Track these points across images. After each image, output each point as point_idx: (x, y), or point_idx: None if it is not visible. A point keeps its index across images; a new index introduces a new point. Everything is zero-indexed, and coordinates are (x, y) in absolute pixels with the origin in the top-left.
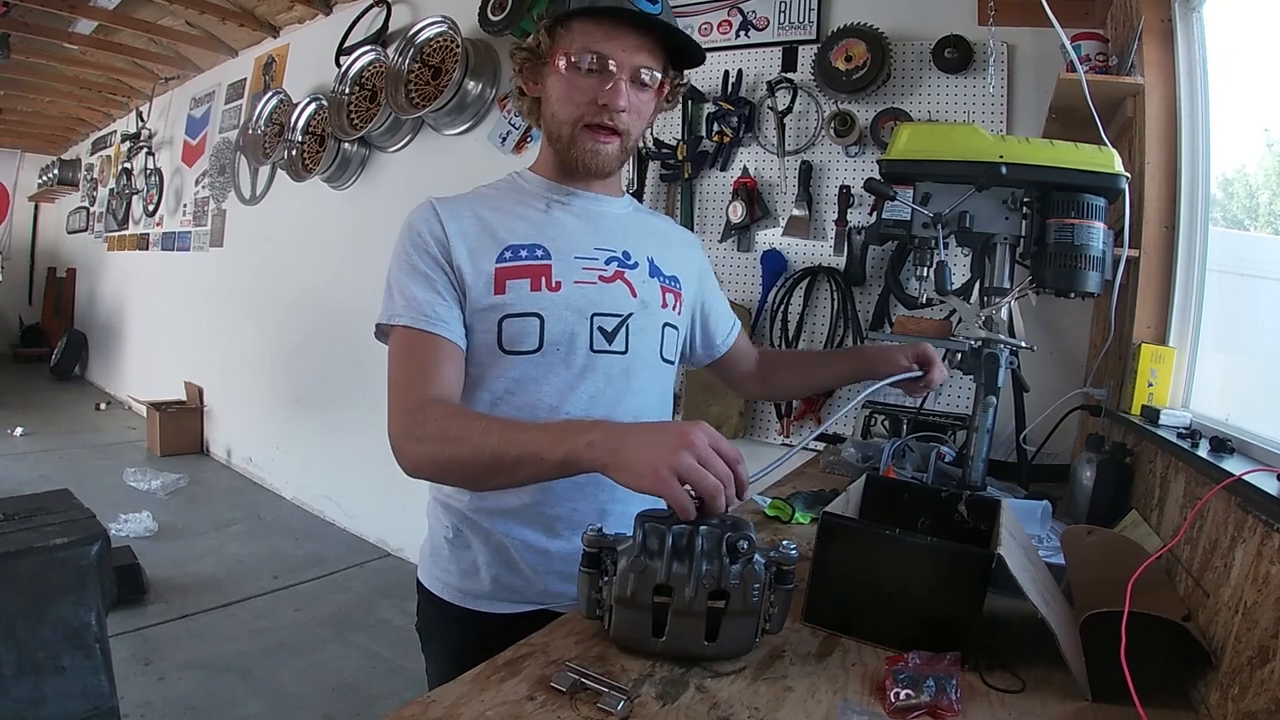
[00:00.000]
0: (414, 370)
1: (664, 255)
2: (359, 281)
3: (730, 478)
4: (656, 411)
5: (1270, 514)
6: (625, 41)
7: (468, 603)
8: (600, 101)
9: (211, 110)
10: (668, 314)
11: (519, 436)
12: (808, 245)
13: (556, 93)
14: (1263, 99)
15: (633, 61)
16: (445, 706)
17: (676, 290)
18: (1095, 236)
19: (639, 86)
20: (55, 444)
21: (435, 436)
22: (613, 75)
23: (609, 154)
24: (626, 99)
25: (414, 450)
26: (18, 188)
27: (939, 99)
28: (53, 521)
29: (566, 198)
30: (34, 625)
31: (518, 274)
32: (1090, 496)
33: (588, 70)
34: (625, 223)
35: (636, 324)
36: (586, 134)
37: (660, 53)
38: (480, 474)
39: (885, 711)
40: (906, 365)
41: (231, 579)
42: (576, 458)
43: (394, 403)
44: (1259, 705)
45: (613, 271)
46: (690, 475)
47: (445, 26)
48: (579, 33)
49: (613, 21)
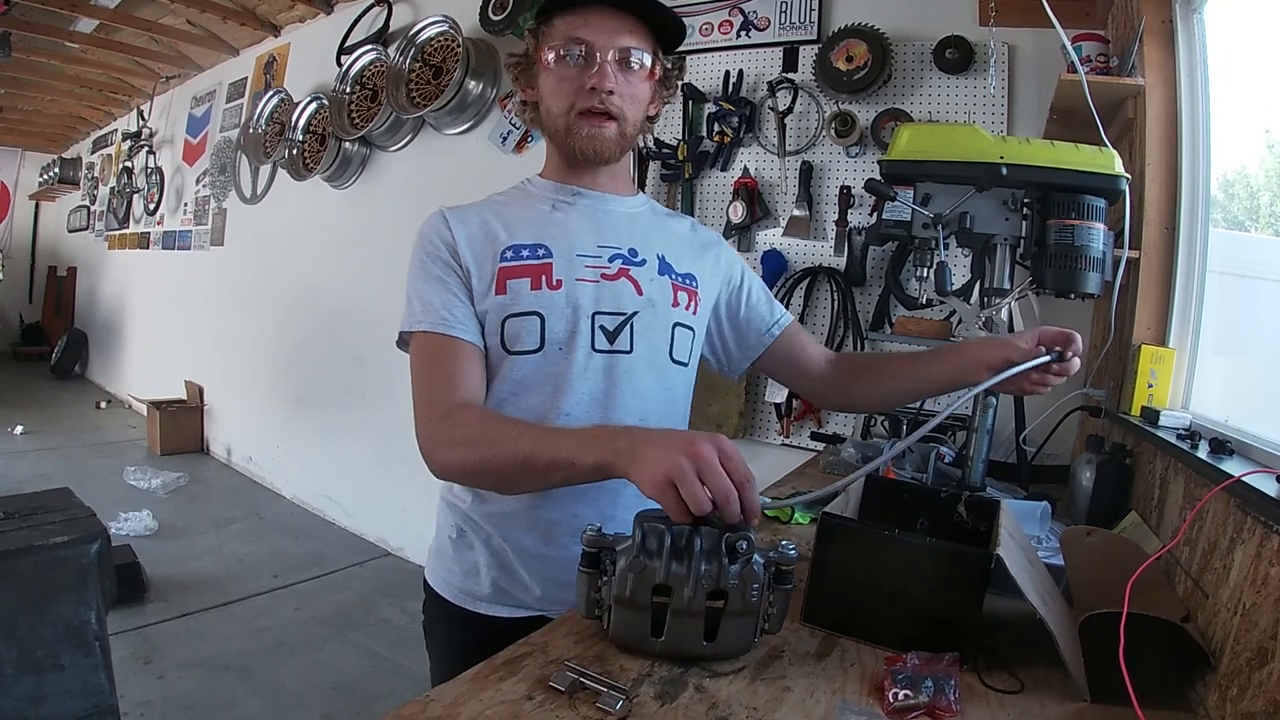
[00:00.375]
0: (438, 375)
1: (679, 253)
2: (359, 280)
3: (730, 494)
4: (661, 414)
5: (1270, 515)
6: (602, 25)
7: (468, 603)
8: (588, 86)
9: (212, 109)
10: (679, 313)
11: (551, 442)
12: (808, 245)
13: (548, 88)
14: (1264, 100)
15: (614, 43)
16: (444, 705)
17: (691, 289)
18: (1095, 237)
19: (627, 69)
20: (55, 442)
21: (466, 441)
22: (597, 59)
23: (606, 137)
24: (614, 80)
25: (444, 455)
26: (18, 186)
27: (940, 99)
28: (53, 520)
29: (572, 197)
30: (34, 623)
31: (518, 273)
32: (1090, 497)
33: (573, 60)
34: (635, 220)
35: (641, 323)
36: (581, 120)
37: (645, 34)
38: (512, 478)
39: (884, 712)
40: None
41: (231, 578)
42: (608, 462)
43: (421, 408)
44: (1258, 706)
45: (616, 269)
46: (684, 483)
47: (446, 26)
48: (559, 26)
49: (592, 8)
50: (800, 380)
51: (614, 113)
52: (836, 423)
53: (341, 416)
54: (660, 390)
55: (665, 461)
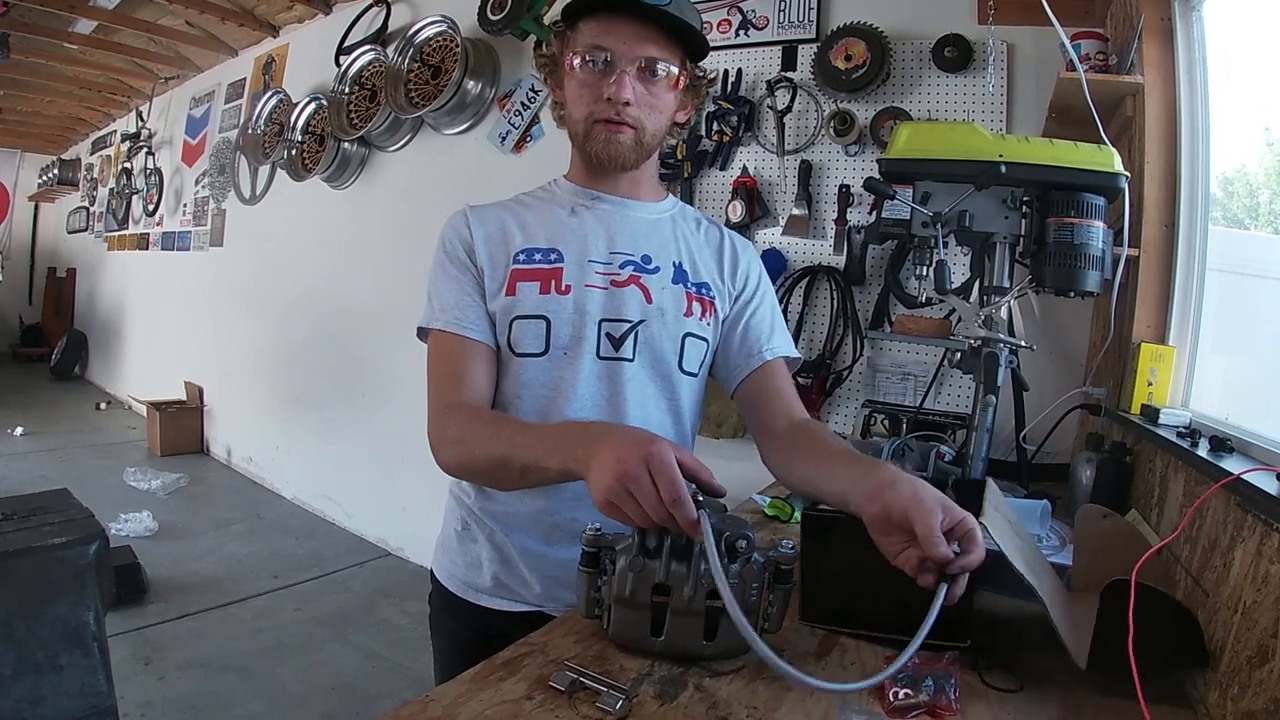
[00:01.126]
0: (445, 374)
1: (699, 261)
2: (359, 280)
3: (662, 514)
4: (664, 422)
5: (1269, 513)
6: (626, 33)
7: (470, 595)
8: (605, 96)
9: (211, 110)
10: (692, 323)
11: (525, 444)
12: (807, 244)
13: (571, 93)
14: (1263, 98)
15: (636, 53)
16: (444, 706)
17: (707, 299)
18: (1095, 235)
19: (649, 78)
20: (56, 444)
21: (456, 440)
22: (617, 68)
23: (623, 144)
24: (631, 91)
25: (442, 453)
26: (18, 187)
27: (939, 98)
28: (51, 521)
29: (592, 201)
30: (32, 624)
31: (529, 276)
32: (1090, 495)
33: (596, 69)
34: (654, 227)
35: (647, 332)
36: (599, 126)
37: (672, 43)
38: (497, 477)
39: (884, 711)
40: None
41: (231, 578)
42: (571, 470)
43: (430, 406)
44: (1258, 705)
45: (627, 276)
46: (623, 503)
47: (445, 26)
48: (584, 31)
49: (611, 15)
50: (759, 428)
51: (630, 122)
52: (837, 422)
53: (341, 417)
54: (664, 399)
55: (603, 480)
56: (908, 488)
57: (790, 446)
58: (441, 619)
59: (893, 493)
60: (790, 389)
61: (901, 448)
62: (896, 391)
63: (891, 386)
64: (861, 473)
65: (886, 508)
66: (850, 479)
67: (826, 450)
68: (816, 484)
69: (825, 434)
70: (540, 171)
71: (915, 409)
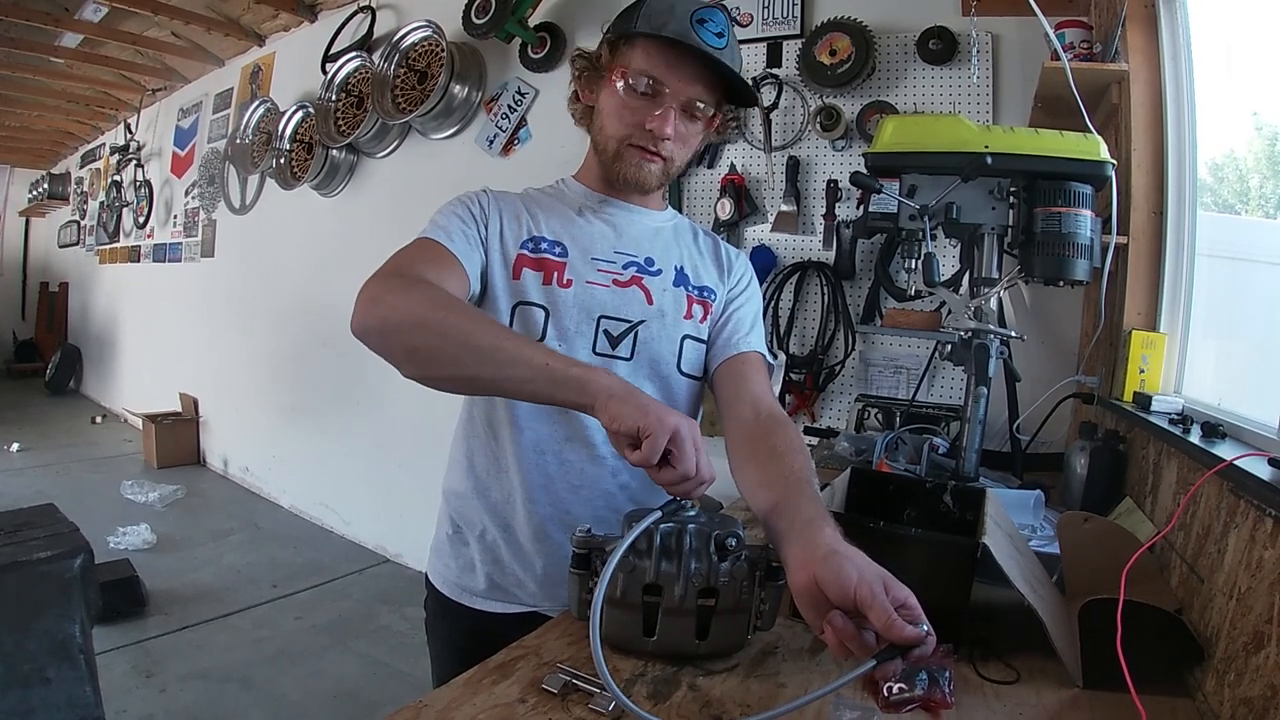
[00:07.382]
0: (416, 258)
1: (699, 266)
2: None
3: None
4: None
5: (1262, 499)
6: (683, 72)
7: (465, 599)
8: (648, 126)
9: (199, 121)
10: (691, 326)
11: (526, 345)
12: (797, 240)
13: (609, 108)
14: (1251, 83)
15: (687, 93)
16: (437, 711)
17: (707, 302)
18: (1083, 224)
19: (689, 117)
20: (52, 459)
21: (423, 298)
22: (664, 103)
23: (652, 172)
24: (674, 128)
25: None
26: (8, 203)
27: (924, 91)
28: (37, 536)
29: (600, 205)
30: (19, 638)
31: (534, 265)
32: (1084, 484)
33: (642, 93)
34: (658, 233)
35: (646, 332)
36: (632, 151)
37: (716, 87)
38: (456, 353)
39: (879, 706)
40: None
41: (231, 589)
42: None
43: (382, 269)
44: (1255, 691)
45: (629, 276)
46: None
47: (430, 31)
48: (641, 55)
49: (675, 51)
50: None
51: (664, 155)
52: (830, 417)
53: (336, 424)
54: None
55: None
56: (846, 566)
57: (748, 447)
58: (437, 623)
59: (827, 569)
60: (762, 382)
61: (895, 441)
62: (889, 385)
63: (884, 380)
64: (797, 531)
65: (819, 584)
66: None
67: (778, 474)
68: (754, 505)
69: (787, 449)
70: (529, 174)
71: (908, 402)
